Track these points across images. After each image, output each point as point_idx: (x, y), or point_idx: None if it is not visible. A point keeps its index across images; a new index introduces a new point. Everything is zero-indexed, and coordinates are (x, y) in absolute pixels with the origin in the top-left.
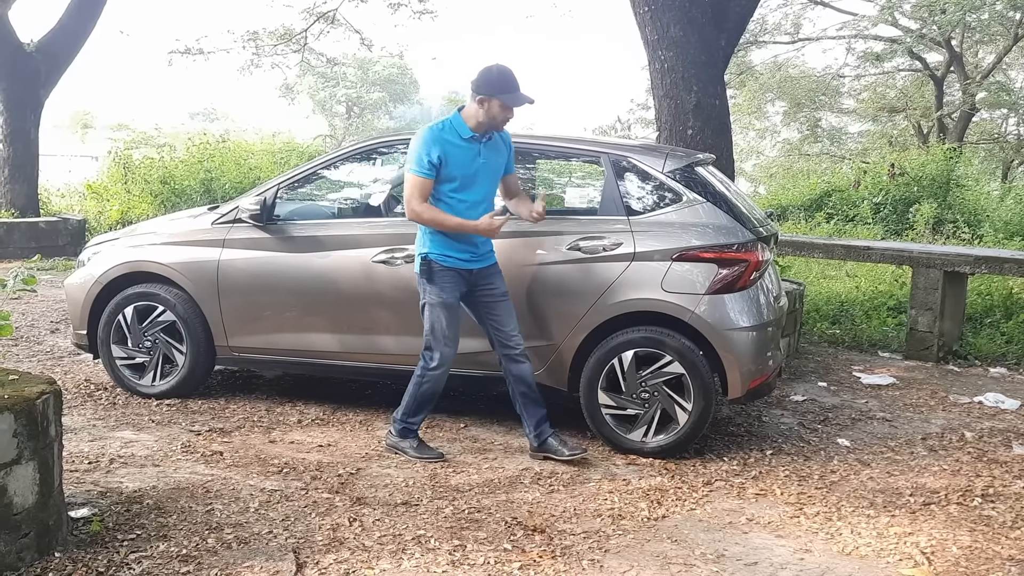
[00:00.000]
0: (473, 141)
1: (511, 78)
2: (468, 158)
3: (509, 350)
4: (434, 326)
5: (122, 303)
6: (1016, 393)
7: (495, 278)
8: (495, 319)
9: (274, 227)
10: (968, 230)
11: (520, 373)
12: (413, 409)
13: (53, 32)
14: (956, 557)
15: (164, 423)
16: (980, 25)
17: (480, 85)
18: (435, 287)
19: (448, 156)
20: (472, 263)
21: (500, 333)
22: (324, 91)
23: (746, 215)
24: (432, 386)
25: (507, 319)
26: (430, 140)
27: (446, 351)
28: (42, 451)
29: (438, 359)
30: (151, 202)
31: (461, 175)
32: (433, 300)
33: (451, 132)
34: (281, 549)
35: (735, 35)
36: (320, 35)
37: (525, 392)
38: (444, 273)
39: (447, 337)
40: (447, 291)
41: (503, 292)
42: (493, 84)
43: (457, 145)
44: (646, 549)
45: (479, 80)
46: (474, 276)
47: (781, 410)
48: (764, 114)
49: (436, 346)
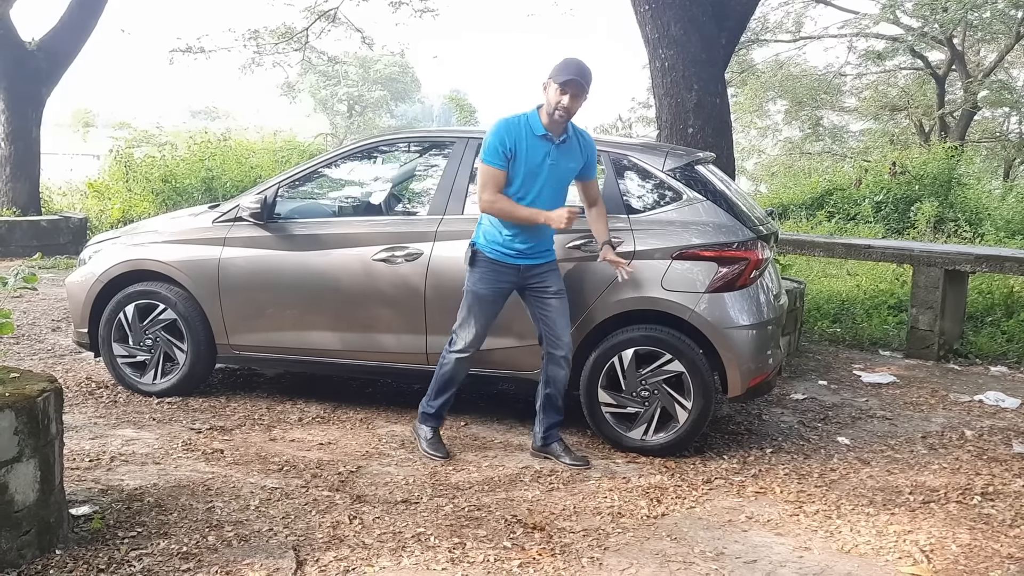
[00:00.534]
0: (546, 140)
1: (571, 63)
2: (538, 155)
3: (555, 350)
4: (465, 312)
5: (123, 301)
6: (1016, 392)
7: (550, 276)
8: (546, 317)
9: (275, 225)
10: (969, 229)
11: (556, 377)
12: (434, 391)
13: (54, 31)
14: (955, 555)
15: (165, 421)
16: (982, 23)
17: (550, 71)
18: (474, 275)
19: (519, 148)
20: (521, 259)
21: (549, 332)
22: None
23: (746, 214)
24: (451, 371)
25: (558, 319)
26: (503, 130)
27: (469, 339)
28: (43, 449)
29: (460, 344)
30: (152, 200)
31: (525, 171)
32: (469, 287)
33: (526, 126)
34: (281, 546)
35: (736, 34)
36: (321, 33)
37: (552, 395)
38: (486, 263)
39: (473, 326)
40: (485, 281)
41: (557, 290)
42: (553, 69)
43: (529, 140)
44: (645, 547)
45: (549, 72)
46: (523, 272)
47: (781, 408)
48: (766, 112)
49: (460, 331)
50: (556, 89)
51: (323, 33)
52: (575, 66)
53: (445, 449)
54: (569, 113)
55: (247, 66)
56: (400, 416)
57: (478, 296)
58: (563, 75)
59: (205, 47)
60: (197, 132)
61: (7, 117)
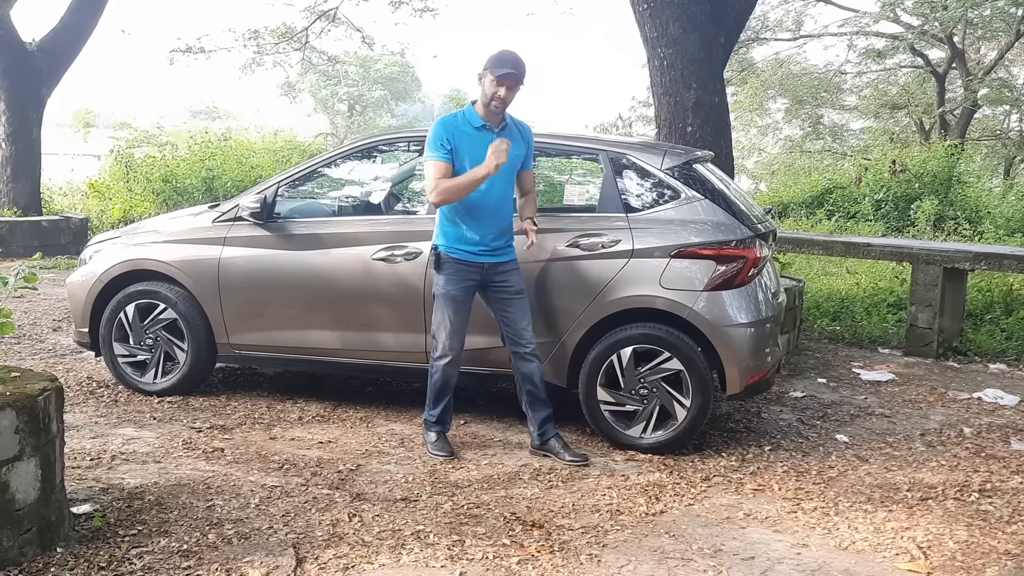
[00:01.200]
0: (484, 130)
1: (507, 56)
2: (480, 146)
3: (519, 348)
4: (438, 317)
5: (124, 301)
6: (1015, 389)
7: (511, 275)
8: (507, 316)
9: (274, 225)
10: (969, 227)
11: (528, 372)
12: (431, 401)
13: (55, 31)
14: (952, 552)
15: (165, 420)
16: (982, 21)
17: (484, 63)
18: (441, 277)
19: (459, 144)
20: (484, 256)
21: (511, 330)
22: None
23: (744, 212)
24: (442, 378)
25: (520, 317)
26: (440, 126)
27: (449, 342)
28: (44, 447)
29: (440, 349)
30: (153, 200)
31: (471, 164)
32: (439, 291)
33: (463, 121)
34: (281, 544)
35: (734, 32)
36: (321, 33)
37: (531, 391)
38: (451, 264)
39: (450, 329)
40: (452, 282)
41: (518, 290)
42: (488, 61)
43: (468, 134)
44: (644, 544)
45: (486, 60)
46: (487, 270)
47: (780, 406)
48: (766, 111)
49: (438, 337)
50: (492, 81)
51: (323, 33)
52: (511, 59)
53: (450, 448)
54: (505, 103)
55: (247, 66)
56: (400, 414)
57: (449, 298)
58: (499, 68)
59: (205, 47)
60: (198, 132)
61: (7, 118)
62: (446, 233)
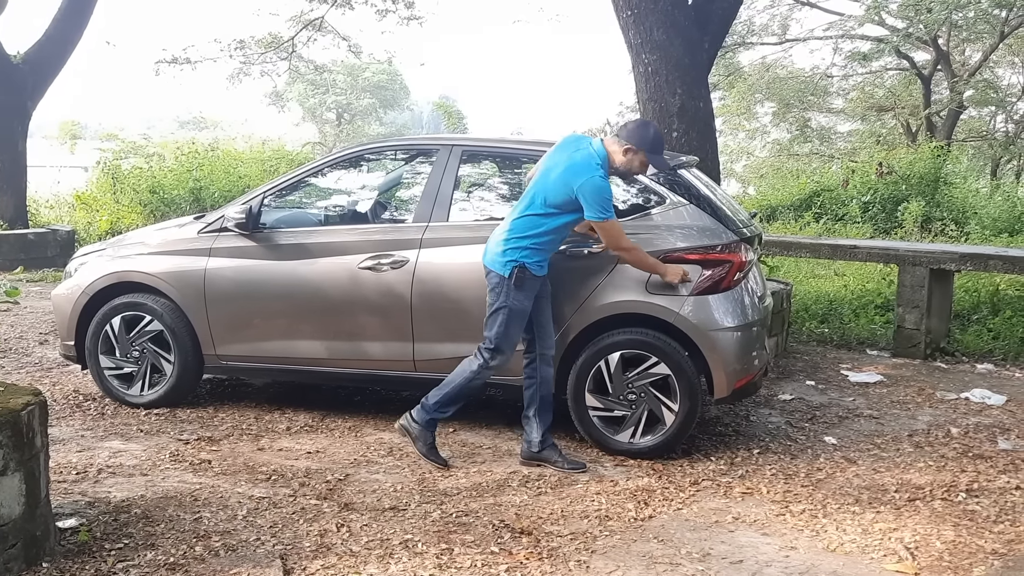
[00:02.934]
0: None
1: (662, 141)
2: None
3: (546, 350)
4: (509, 331)
5: (110, 313)
6: (1002, 389)
7: (547, 280)
8: (541, 318)
9: (260, 235)
10: (956, 228)
11: (547, 376)
12: (450, 398)
13: (40, 43)
14: (940, 552)
15: (152, 432)
16: (966, 23)
17: (633, 136)
18: (522, 294)
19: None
20: (542, 270)
21: (543, 331)
22: (314, 98)
23: (730, 216)
24: (479, 385)
25: (550, 319)
26: (607, 185)
27: (509, 354)
28: (28, 462)
29: (498, 361)
30: (140, 212)
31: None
32: (516, 306)
33: (605, 169)
34: (268, 556)
35: (718, 38)
36: (308, 41)
37: (545, 396)
38: (534, 282)
39: (513, 342)
40: (529, 298)
41: (549, 293)
42: (646, 140)
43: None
44: (633, 549)
45: (634, 132)
46: (540, 282)
47: (769, 409)
48: (753, 115)
49: (505, 348)
50: (641, 161)
51: (310, 42)
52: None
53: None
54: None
55: (235, 76)
56: (388, 423)
57: (521, 313)
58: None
59: (191, 58)
60: (185, 142)
61: None
62: (534, 250)
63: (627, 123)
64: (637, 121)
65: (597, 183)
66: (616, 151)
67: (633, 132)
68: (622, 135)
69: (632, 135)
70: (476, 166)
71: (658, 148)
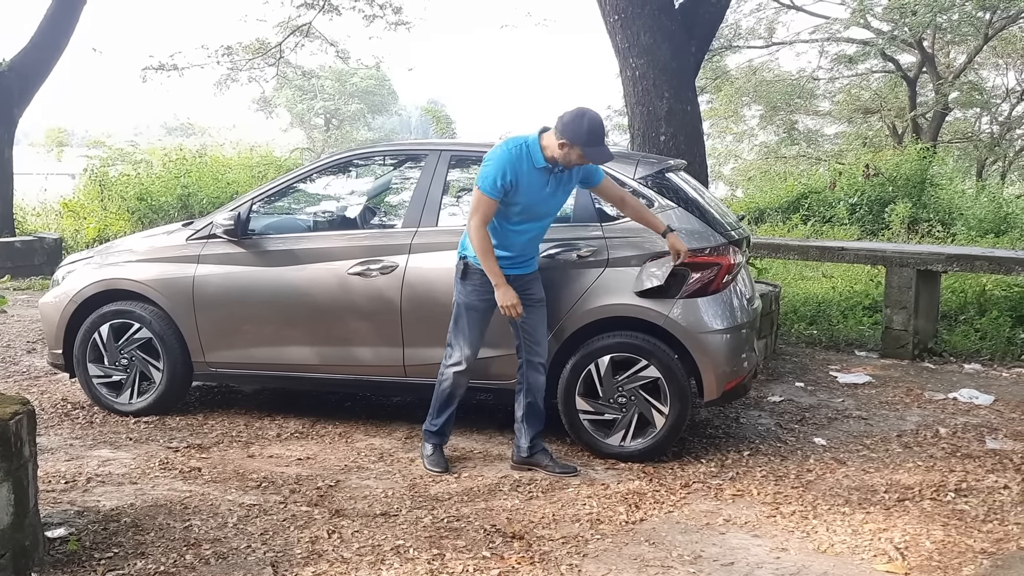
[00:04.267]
0: (544, 171)
1: (599, 131)
2: (537, 187)
3: (533, 357)
4: (459, 325)
5: (98, 321)
6: (990, 388)
7: (534, 284)
8: (527, 323)
9: (249, 242)
10: (942, 229)
11: (535, 383)
12: (435, 409)
13: (25, 51)
14: (929, 551)
15: (142, 440)
16: (951, 26)
17: (567, 130)
18: (466, 288)
19: (519, 182)
20: (510, 269)
21: (530, 337)
22: (302, 104)
23: (718, 219)
24: (451, 386)
25: (538, 326)
26: (507, 163)
27: (465, 351)
28: (16, 472)
29: (455, 357)
30: (128, 219)
31: (525, 202)
32: (461, 300)
33: (527, 158)
34: (259, 563)
35: (705, 42)
36: (296, 47)
37: (532, 403)
38: (478, 276)
39: (467, 338)
40: (477, 293)
41: (540, 298)
42: (580, 134)
43: (528, 172)
44: (624, 552)
45: (568, 125)
46: (513, 282)
47: (758, 411)
48: (741, 118)
49: (454, 345)
50: (579, 155)
51: (298, 47)
52: (605, 151)
53: (446, 463)
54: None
55: (222, 82)
56: (379, 429)
57: (470, 308)
58: (598, 155)
59: (178, 64)
60: (172, 149)
61: None
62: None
63: (563, 115)
64: (572, 113)
65: (493, 155)
66: (552, 145)
67: (567, 126)
68: (557, 128)
69: (566, 130)
70: (465, 170)
71: (594, 141)
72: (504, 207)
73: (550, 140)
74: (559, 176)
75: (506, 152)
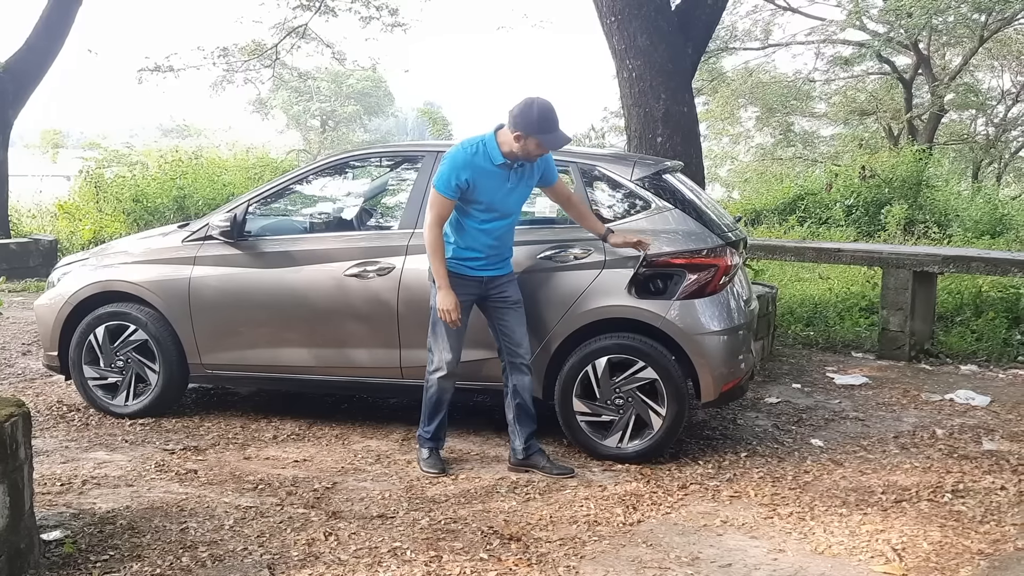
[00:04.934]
0: (504, 168)
1: (551, 117)
2: (496, 184)
3: (515, 359)
4: (436, 330)
5: (93, 323)
6: (986, 390)
7: (509, 286)
8: (504, 326)
9: (245, 243)
10: (938, 230)
11: (521, 383)
12: (426, 416)
13: (20, 52)
14: (927, 553)
15: (137, 443)
16: (946, 28)
17: (518, 122)
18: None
19: (476, 182)
20: (484, 271)
21: (509, 340)
22: (298, 105)
23: (715, 221)
24: (437, 393)
25: (516, 327)
26: (461, 163)
27: (445, 356)
28: (11, 474)
29: (435, 362)
30: (124, 221)
31: (487, 200)
32: (435, 304)
33: (484, 157)
34: (256, 565)
35: (702, 43)
36: (292, 49)
37: (521, 404)
38: (452, 279)
39: (446, 343)
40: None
41: (516, 300)
42: (531, 123)
43: (487, 171)
44: (621, 554)
45: (519, 116)
46: (487, 283)
47: (756, 412)
48: (737, 119)
49: (434, 350)
50: (536, 144)
51: (294, 49)
52: (562, 136)
53: (443, 464)
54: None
55: (218, 83)
56: (375, 431)
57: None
58: (553, 141)
59: (174, 66)
60: (168, 150)
61: None
62: (448, 247)
63: (512, 108)
64: (521, 104)
65: (449, 155)
66: (509, 140)
67: (518, 118)
68: (509, 122)
69: (518, 121)
70: None
71: (547, 127)
72: (466, 206)
73: (505, 136)
74: (519, 172)
75: (462, 151)
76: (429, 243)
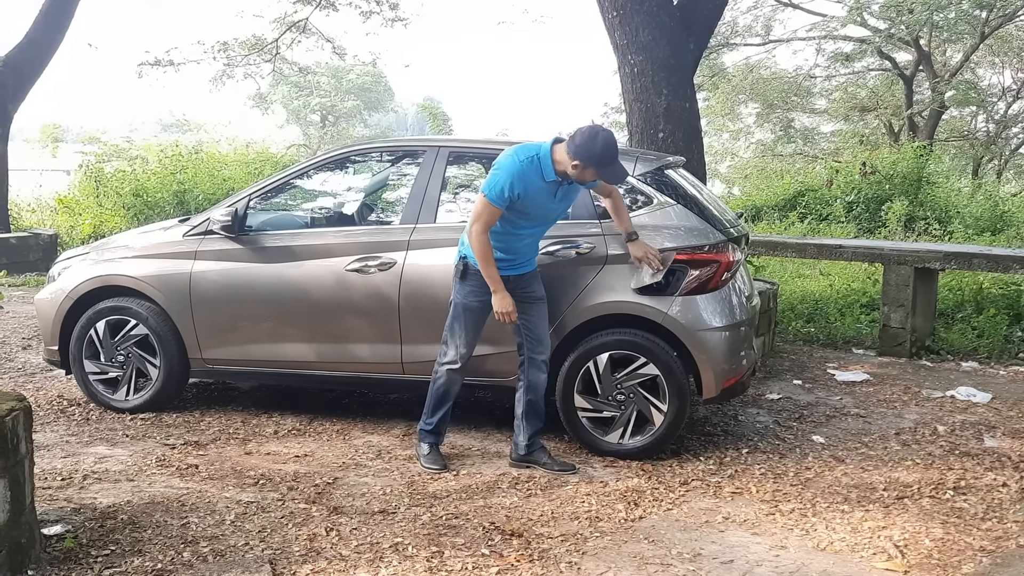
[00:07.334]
0: (553, 184)
1: (613, 150)
2: (544, 199)
3: (536, 354)
4: (453, 324)
5: (94, 317)
6: (987, 386)
7: (534, 282)
8: (528, 320)
9: (246, 238)
10: (939, 227)
11: (536, 381)
12: (430, 408)
13: (20, 46)
14: (929, 549)
15: (138, 437)
16: (947, 24)
17: (580, 151)
18: (464, 288)
19: (527, 195)
20: (509, 270)
21: (532, 334)
22: (298, 100)
23: (717, 216)
24: (445, 384)
25: (539, 322)
26: (517, 175)
27: (460, 351)
28: (12, 468)
29: (450, 356)
30: (123, 215)
31: (532, 211)
32: (459, 299)
33: (536, 170)
34: (257, 561)
35: (703, 39)
36: (292, 44)
37: (532, 401)
38: (477, 276)
39: (463, 338)
40: (476, 294)
41: (540, 296)
42: (594, 155)
43: (537, 185)
44: (623, 550)
45: (581, 146)
46: (512, 283)
47: (757, 409)
48: (737, 116)
49: (450, 343)
50: (593, 173)
51: (294, 44)
52: (620, 170)
53: (444, 461)
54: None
55: (218, 78)
56: (376, 426)
57: (468, 308)
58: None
59: (174, 60)
60: (168, 145)
61: None
62: None
63: (576, 133)
64: (585, 132)
65: (503, 165)
66: (565, 161)
67: (581, 147)
68: (570, 148)
69: (580, 150)
70: (462, 167)
71: (607, 161)
72: (510, 214)
73: (562, 156)
74: (566, 188)
75: (517, 163)
76: (479, 251)
